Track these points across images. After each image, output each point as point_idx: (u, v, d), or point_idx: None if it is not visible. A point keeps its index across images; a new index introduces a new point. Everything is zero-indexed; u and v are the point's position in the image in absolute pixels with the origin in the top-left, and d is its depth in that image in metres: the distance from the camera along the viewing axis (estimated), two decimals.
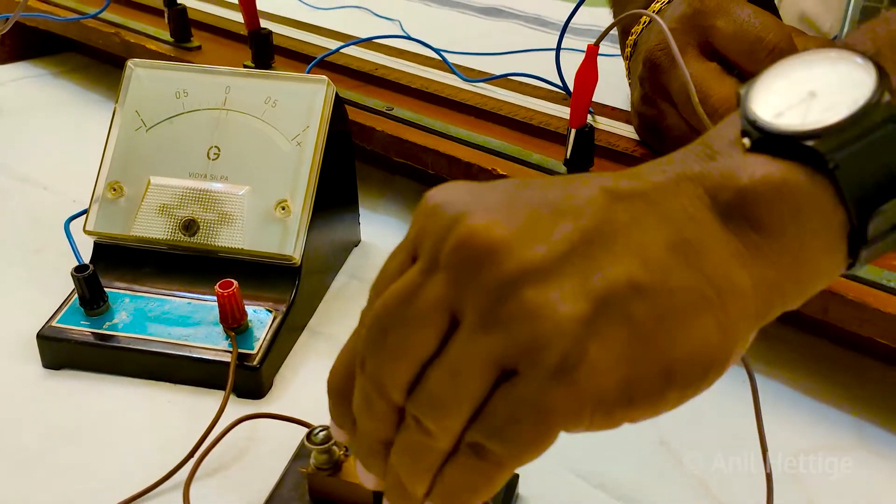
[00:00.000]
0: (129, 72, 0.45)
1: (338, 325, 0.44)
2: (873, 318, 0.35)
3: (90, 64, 0.78)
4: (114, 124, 0.44)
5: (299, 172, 0.42)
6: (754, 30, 0.40)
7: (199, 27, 0.67)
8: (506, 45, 0.79)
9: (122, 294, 0.42)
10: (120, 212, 0.43)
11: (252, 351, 0.39)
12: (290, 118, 0.43)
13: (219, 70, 0.45)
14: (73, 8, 0.71)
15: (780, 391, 0.40)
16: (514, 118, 0.52)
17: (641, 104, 0.47)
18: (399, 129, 0.51)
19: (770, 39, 0.40)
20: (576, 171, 0.45)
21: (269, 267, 0.42)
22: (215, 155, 0.43)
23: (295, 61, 0.61)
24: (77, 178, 0.57)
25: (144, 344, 0.39)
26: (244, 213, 0.42)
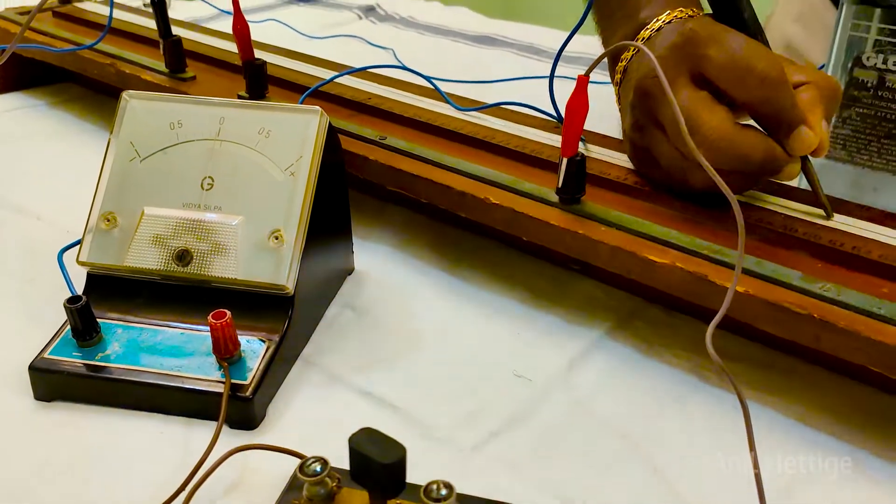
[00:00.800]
0: (124, 103, 0.45)
1: (331, 355, 0.44)
2: (864, 346, 0.35)
3: (86, 94, 0.79)
4: (108, 155, 0.45)
5: (293, 202, 0.42)
6: (745, 60, 0.41)
7: (193, 57, 0.68)
8: (499, 74, 0.80)
9: (115, 325, 0.42)
10: (113, 242, 0.43)
11: (245, 381, 0.39)
12: (284, 148, 0.43)
13: (213, 101, 0.45)
14: (70, 39, 0.72)
15: (773, 418, 0.40)
16: (507, 147, 0.52)
17: (633, 131, 0.47)
18: (392, 159, 0.51)
19: (761, 68, 0.41)
20: (568, 200, 0.45)
21: (262, 297, 0.42)
22: (209, 185, 0.43)
23: (289, 91, 0.62)
24: (71, 208, 0.57)
25: (136, 375, 0.39)
26: (237, 243, 0.42)
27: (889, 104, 0.50)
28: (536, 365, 0.43)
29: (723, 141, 0.41)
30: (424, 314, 0.47)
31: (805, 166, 0.45)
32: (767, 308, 0.38)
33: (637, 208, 0.46)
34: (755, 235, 0.43)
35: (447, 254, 0.53)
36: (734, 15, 0.44)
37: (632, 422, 0.40)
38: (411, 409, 0.40)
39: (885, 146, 0.52)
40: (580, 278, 0.50)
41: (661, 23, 0.48)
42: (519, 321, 0.47)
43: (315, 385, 0.42)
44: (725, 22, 0.44)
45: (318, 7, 1.15)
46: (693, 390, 0.42)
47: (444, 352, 0.44)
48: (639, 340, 0.45)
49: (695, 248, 0.41)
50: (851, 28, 0.50)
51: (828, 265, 0.41)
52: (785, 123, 0.42)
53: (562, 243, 0.44)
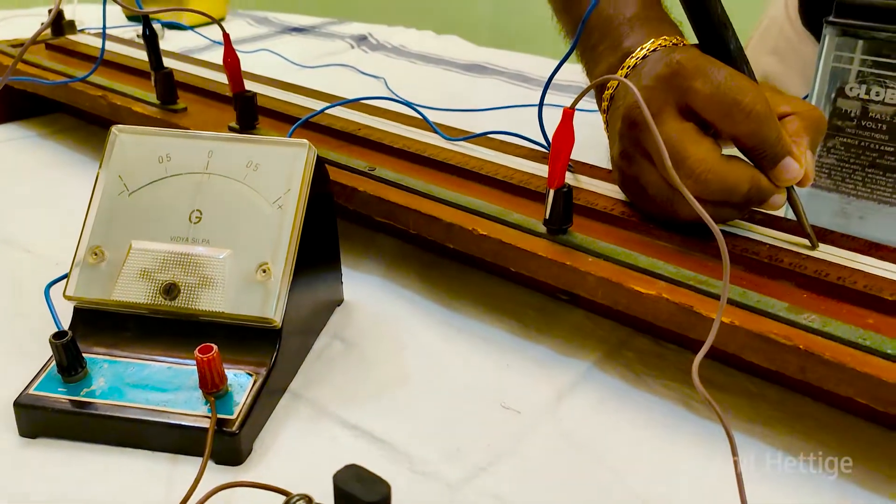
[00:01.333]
0: (112, 137, 0.46)
1: (319, 388, 0.44)
2: (850, 378, 0.35)
3: (78, 125, 0.79)
4: (96, 189, 0.45)
5: (280, 235, 0.42)
6: (731, 92, 0.41)
7: (185, 89, 0.68)
8: (489, 102, 0.81)
9: (101, 359, 0.42)
10: (101, 276, 0.43)
11: (231, 416, 0.38)
12: (272, 181, 0.43)
13: (201, 135, 0.45)
14: (62, 71, 0.72)
15: (761, 449, 0.40)
16: (495, 177, 0.52)
17: (621, 159, 0.47)
18: (380, 189, 0.51)
19: (747, 102, 0.41)
20: (556, 231, 0.45)
21: (250, 330, 0.42)
22: (197, 218, 0.43)
23: (279, 122, 0.62)
24: (60, 241, 0.57)
25: (121, 411, 0.39)
26: (225, 277, 0.42)
27: (872, 134, 0.51)
28: (525, 396, 0.43)
29: (709, 173, 0.42)
30: (413, 345, 0.47)
31: (790, 196, 0.45)
32: (753, 339, 0.38)
33: (624, 239, 0.46)
34: (741, 265, 0.43)
35: (436, 284, 0.53)
36: (720, 47, 0.45)
37: (620, 454, 0.39)
38: (398, 442, 0.40)
39: (870, 175, 0.52)
40: (569, 308, 0.51)
41: (645, 51, 0.49)
42: (508, 352, 0.47)
43: (302, 419, 0.42)
44: (711, 53, 0.44)
45: (310, 37, 1.16)
46: (681, 421, 0.42)
47: (432, 384, 0.44)
48: (627, 371, 0.45)
49: (681, 279, 0.41)
50: (834, 59, 0.51)
51: (813, 295, 0.41)
52: (770, 155, 0.42)
53: (549, 274, 0.44)
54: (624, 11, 0.54)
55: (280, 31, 1.19)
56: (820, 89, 0.52)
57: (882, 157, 0.51)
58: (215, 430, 0.38)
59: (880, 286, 0.40)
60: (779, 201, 0.44)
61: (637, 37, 0.51)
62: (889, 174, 0.51)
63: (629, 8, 0.54)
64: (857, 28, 0.50)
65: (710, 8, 0.44)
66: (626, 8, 0.54)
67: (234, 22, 1.23)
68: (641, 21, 0.53)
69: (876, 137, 0.51)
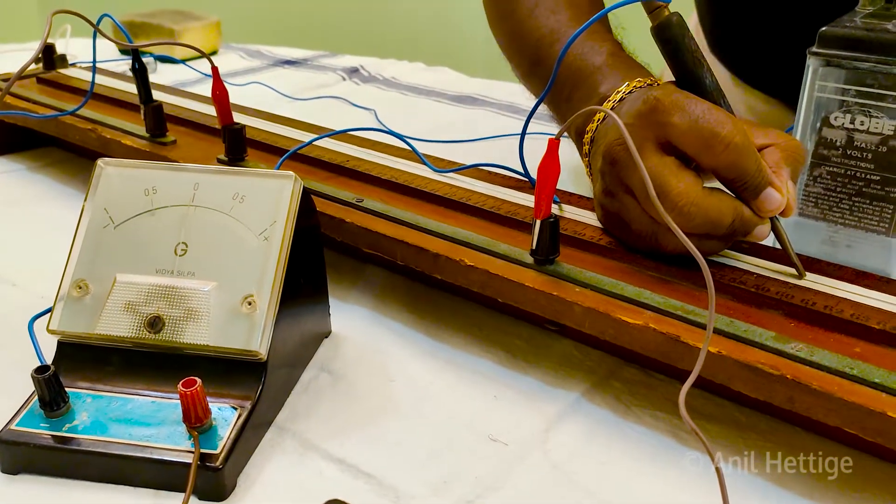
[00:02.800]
0: (98, 170, 0.46)
1: (305, 422, 0.43)
2: (838, 407, 0.35)
3: (67, 158, 0.79)
4: (81, 222, 0.45)
5: (266, 267, 0.42)
6: (709, 125, 0.42)
7: (174, 122, 0.69)
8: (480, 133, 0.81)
9: (85, 394, 0.41)
10: (85, 310, 0.43)
11: (215, 451, 0.38)
12: (258, 213, 0.43)
13: (187, 167, 0.45)
14: (52, 105, 0.72)
15: (750, 480, 0.39)
16: (482, 208, 0.52)
17: (603, 196, 0.47)
18: (368, 221, 0.51)
19: (725, 135, 0.41)
20: (542, 262, 0.45)
21: (235, 363, 0.41)
22: (182, 251, 0.43)
23: (268, 154, 0.62)
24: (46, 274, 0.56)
25: (104, 446, 0.38)
26: (210, 310, 0.42)
27: (858, 163, 0.51)
28: (512, 428, 0.43)
29: (692, 206, 0.42)
30: (400, 377, 0.47)
31: (775, 226, 0.45)
32: (740, 369, 0.37)
33: (611, 269, 0.46)
34: (728, 295, 0.43)
35: (424, 315, 0.53)
36: (696, 83, 0.45)
37: (608, 486, 0.39)
38: (384, 476, 0.39)
39: (857, 204, 0.52)
40: (557, 338, 0.50)
41: (622, 93, 0.50)
42: (495, 383, 0.46)
43: (288, 452, 0.41)
44: (688, 89, 0.45)
45: (302, 69, 1.17)
46: (670, 453, 0.41)
47: (419, 416, 0.44)
48: (616, 402, 0.45)
49: (668, 309, 0.41)
50: (819, 89, 0.51)
51: (801, 325, 0.41)
52: (751, 186, 0.42)
53: (536, 305, 0.44)
54: (593, 61, 0.55)
55: (272, 63, 1.20)
56: (805, 119, 0.52)
57: (868, 185, 0.51)
58: (199, 465, 0.37)
59: (867, 315, 0.40)
60: (763, 232, 0.44)
61: (612, 81, 0.52)
62: (875, 203, 0.52)
63: (597, 57, 0.55)
64: (840, 58, 0.50)
65: (684, 44, 0.44)
66: (594, 57, 0.55)
67: (226, 55, 1.24)
68: (612, 67, 0.54)
69: (861, 166, 0.51)
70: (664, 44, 0.45)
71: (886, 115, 0.50)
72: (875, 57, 0.49)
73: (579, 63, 0.56)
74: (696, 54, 0.44)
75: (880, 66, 0.49)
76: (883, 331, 0.39)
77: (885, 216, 0.52)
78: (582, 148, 0.52)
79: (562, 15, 0.61)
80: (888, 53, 0.48)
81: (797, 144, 0.46)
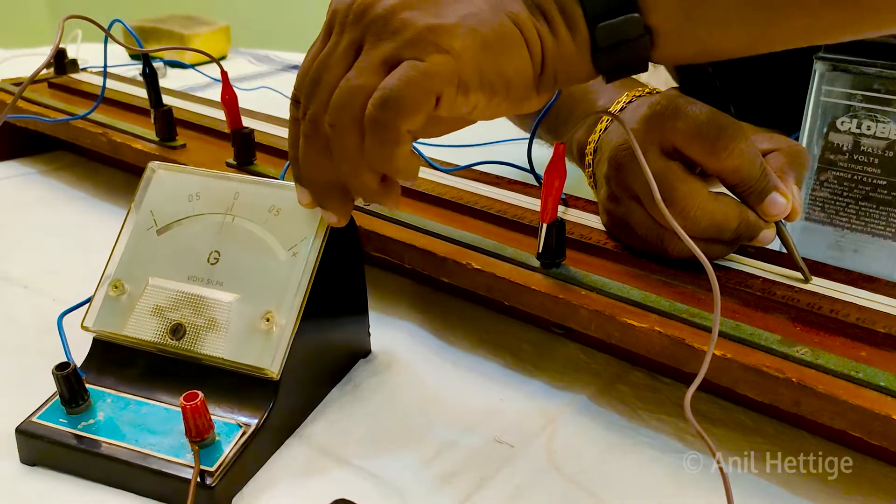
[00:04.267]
0: (150, 173, 0.46)
1: (312, 424, 0.43)
2: (844, 411, 0.35)
3: (78, 162, 0.80)
4: (127, 223, 0.45)
5: (289, 284, 0.41)
6: (714, 129, 0.42)
7: (184, 126, 0.69)
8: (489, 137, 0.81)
9: (107, 394, 0.42)
10: (118, 310, 0.43)
11: (211, 468, 0.37)
12: (291, 228, 0.42)
13: (230, 176, 0.45)
14: (63, 109, 0.73)
15: (755, 484, 0.39)
16: (489, 211, 0.53)
17: (609, 202, 0.48)
18: (375, 224, 0.51)
19: (729, 140, 0.42)
20: (549, 265, 0.45)
21: (250, 378, 0.41)
22: (215, 259, 0.43)
23: (277, 158, 0.63)
24: (57, 277, 0.57)
25: (109, 449, 0.38)
26: (229, 322, 0.41)
27: (864, 167, 0.51)
28: (518, 431, 0.43)
29: (697, 210, 0.42)
30: (407, 379, 0.47)
31: (780, 231, 0.45)
32: (746, 372, 0.38)
33: (617, 272, 0.46)
34: (734, 299, 0.43)
35: (432, 318, 0.53)
36: (701, 88, 0.45)
37: (614, 489, 0.39)
38: (389, 476, 0.40)
39: (863, 208, 0.52)
40: (563, 342, 0.50)
41: (622, 104, 0.50)
42: (502, 386, 0.47)
43: (294, 473, 0.40)
44: (692, 94, 0.45)
45: None
46: (676, 456, 0.41)
47: (425, 417, 0.44)
48: (622, 405, 0.45)
49: (674, 312, 0.41)
50: (825, 94, 0.52)
51: (806, 328, 0.41)
52: (756, 191, 0.43)
53: (542, 308, 0.44)
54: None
55: (281, 68, 1.20)
56: (812, 123, 0.52)
57: (875, 190, 0.51)
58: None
59: (873, 319, 0.40)
60: (769, 237, 0.44)
61: (609, 95, 0.53)
62: (882, 207, 0.52)
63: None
64: (846, 63, 0.50)
65: None
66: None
67: (235, 60, 1.25)
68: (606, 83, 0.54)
69: (868, 171, 0.51)
70: None
71: (893, 120, 0.50)
72: (882, 62, 0.49)
73: (571, 88, 0.56)
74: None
75: (887, 71, 0.49)
76: (889, 335, 0.39)
77: (891, 221, 0.52)
78: (584, 159, 0.52)
79: None
80: (895, 58, 0.49)
81: (801, 149, 0.46)
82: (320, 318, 0.43)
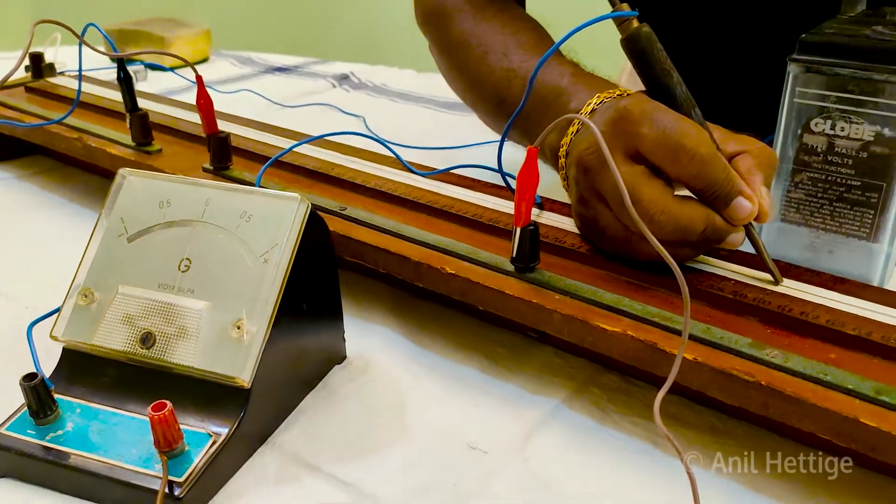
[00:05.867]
0: (120, 180, 0.45)
1: (286, 432, 0.43)
2: (812, 414, 0.35)
3: (55, 166, 0.79)
4: (97, 231, 0.44)
5: (259, 291, 0.41)
6: (675, 136, 0.42)
7: (161, 130, 0.69)
8: (468, 139, 0.81)
9: (76, 404, 0.41)
10: (87, 319, 0.43)
11: (179, 478, 0.37)
12: (261, 234, 0.42)
13: (201, 182, 0.44)
14: (39, 114, 0.73)
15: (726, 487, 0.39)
16: (465, 215, 0.52)
17: (578, 205, 0.48)
18: (350, 229, 0.51)
19: (691, 146, 0.42)
20: (523, 269, 0.45)
21: (221, 387, 0.40)
22: (186, 267, 0.42)
23: (254, 162, 0.62)
24: (32, 284, 0.57)
25: (77, 461, 0.38)
26: (200, 330, 0.41)
27: (838, 168, 0.51)
28: (492, 436, 0.43)
29: (662, 214, 0.42)
30: (382, 385, 0.47)
31: (749, 233, 0.45)
32: (716, 376, 0.38)
33: (592, 276, 0.46)
34: (706, 302, 0.43)
35: (408, 322, 0.53)
36: (666, 93, 0.45)
37: (586, 493, 0.39)
38: (363, 484, 0.40)
39: (838, 209, 0.52)
40: (539, 345, 0.50)
41: (592, 105, 0.50)
42: (477, 391, 0.47)
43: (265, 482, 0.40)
44: (658, 99, 0.45)
45: (293, 76, 1.17)
46: (648, 459, 0.41)
47: (399, 423, 0.44)
48: (595, 409, 0.45)
49: (646, 316, 0.41)
50: (799, 96, 0.52)
51: (777, 331, 0.41)
52: (721, 196, 0.43)
53: (516, 312, 0.44)
54: (558, 83, 0.56)
55: (263, 70, 1.20)
56: (786, 125, 0.52)
57: (849, 191, 0.52)
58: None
59: (843, 321, 0.40)
60: (737, 239, 0.44)
61: (581, 97, 0.53)
62: (857, 208, 0.52)
63: (562, 79, 0.56)
64: (819, 64, 0.50)
65: (654, 56, 0.44)
66: (558, 80, 0.56)
67: (217, 62, 1.24)
68: (578, 85, 0.55)
69: (842, 172, 0.51)
70: (634, 55, 0.45)
71: (866, 121, 0.50)
72: (855, 63, 0.49)
73: (545, 88, 0.56)
74: (665, 65, 0.45)
75: (860, 73, 0.49)
76: (858, 336, 0.39)
77: (866, 221, 0.52)
78: (557, 162, 0.52)
79: (514, 55, 0.62)
80: (868, 59, 0.49)
81: (770, 151, 0.46)
82: (293, 324, 0.43)
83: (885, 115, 0.49)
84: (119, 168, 0.46)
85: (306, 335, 0.46)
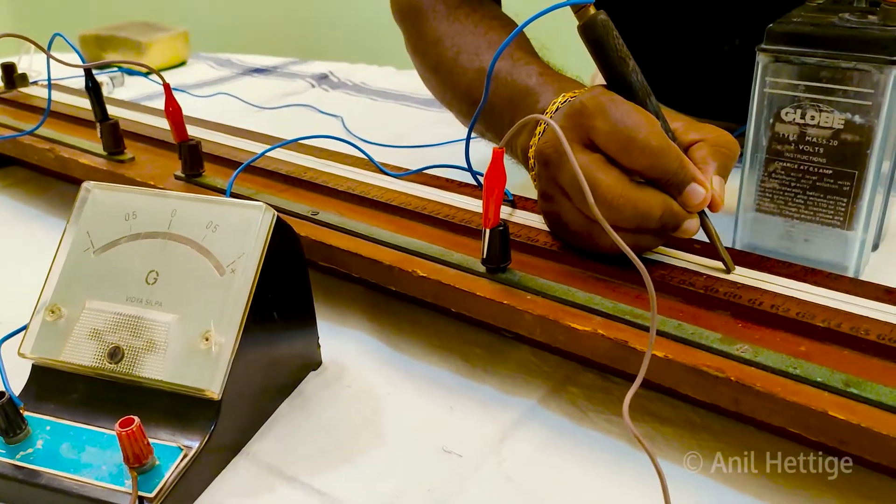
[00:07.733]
0: (84, 193, 0.45)
1: (259, 440, 0.43)
2: (781, 408, 0.35)
3: (31, 177, 0.79)
4: (62, 245, 0.44)
5: (227, 302, 0.40)
6: (627, 130, 0.42)
7: (133, 138, 0.68)
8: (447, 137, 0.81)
9: (46, 421, 0.41)
10: (55, 335, 0.42)
11: (150, 494, 0.37)
12: (228, 245, 0.42)
13: (167, 193, 0.44)
14: (10, 125, 0.72)
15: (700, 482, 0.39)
16: (437, 216, 0.52)
17: (542, 200, 0.48)
18: (322, 234, 0.51)
19: (641, 138, 0.42)
20: (494, 270, 0.45)
21: (191, 400, 0.40)
22: (153, 279, 0.42)
23: (226, 168, 0.62)
24: (6, 299, 0.56)
25: (46, 479, 0.38)
26: (168, 343, 0.40)
27: (811, 157, 0.51)
28: (467, 439, 0.43)
29: (620, 199, 0.42)
30: (357, 389, 0.47)
31: (703, 221, 0.46)
32: (687, 372, 0.37)
33: (564, 274, 0.46)
34: (677, 297, 0.43)
35: (383, 325, 0.53)
36: (621, 82, 0.45)
37: (562, 494, 0.39)
38: (336, 491, 0.39)
39: (811, 198, 0.52)
40: (516, 345, 0.50)
41: (557, 104, 0.51)
42: (452, 393, 0.46)
43: (240, 495, 0.40)
44: (615, 89, 0.45)
45: (272, 77, 1.17)
46: (624, 458, 0.41)
47: (373, 429, 0.44)
48: (572, 407, 0.45)
49: (617, 314, 0.41)
50: (769, 85, 0.51)
51: (748, 325, 0.41)
52: (674, 183, 0.43)
53: (488, 314, 0.44)
54: (526, 83, 0.56)
55: (241, 72, 1.19)
56: (758, 115, 0.52)
57: (822, 179, 0.51)
58: None
59: (813, 313, 0.40)
60: (692, 226, 0.44)
61: (547, 97, 0.54)
62: (830, 196, 0.52)
63: (529, 78, 0.57)
64: (788, 54, 0.50)
65: (609, 43, 0.44)
66: (526, 79, 0.57)
67: (196, 65, 1.24)
68: (546, 84, 0.55)
69: (814, 161, 0.51)
70: (590, 44, 0.45)
71: (836, 110, 0.50)
72: (823, 51, 0.49)
73: (513, 88, 0.57)
74: (621, 53, 0.44)
75: (828, 61, 0.49)
76: (827, 328, 0.39)
77: (839, 209, 0.52)
78: (528, 162, 0.52)
79: (485, 55, 0.63)
80: (836, 48, 0.49)
81: (728, 139, 0.47)
82: (263, 333, 0.43)
83: (854, 102, 0.49)
84: (92, 178, 0.46)
85: (278, 343, 0.45)
